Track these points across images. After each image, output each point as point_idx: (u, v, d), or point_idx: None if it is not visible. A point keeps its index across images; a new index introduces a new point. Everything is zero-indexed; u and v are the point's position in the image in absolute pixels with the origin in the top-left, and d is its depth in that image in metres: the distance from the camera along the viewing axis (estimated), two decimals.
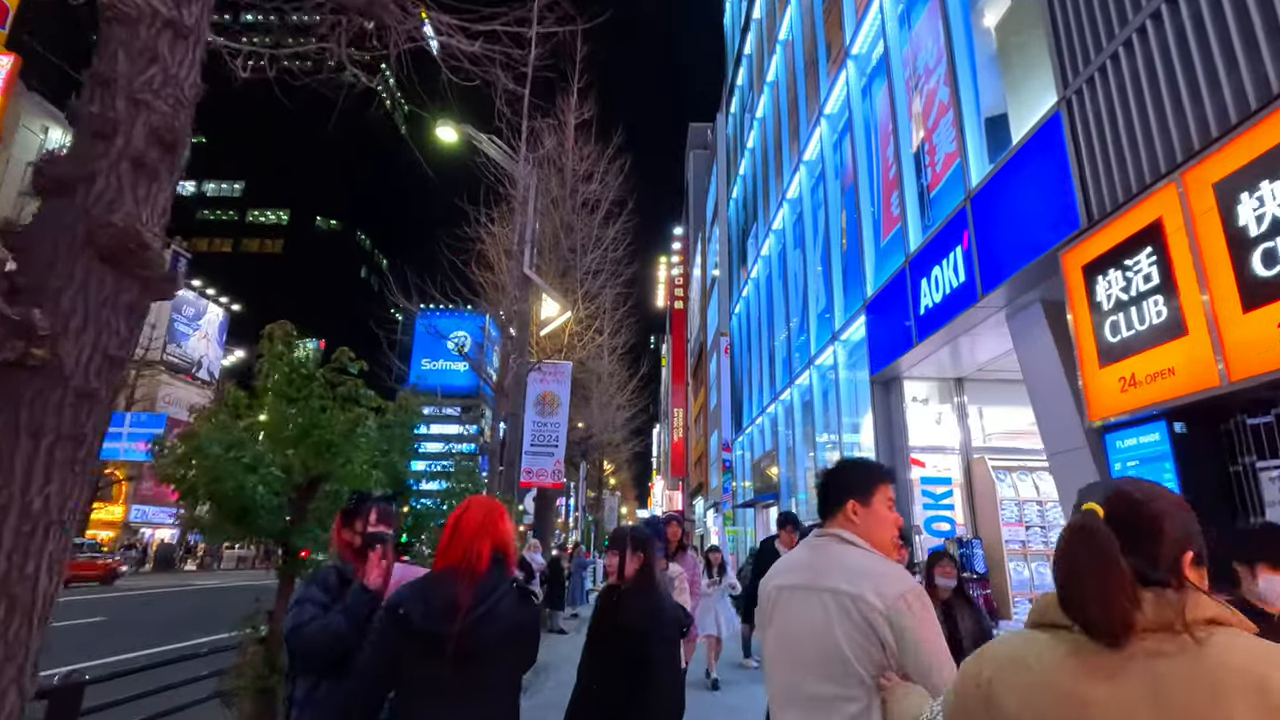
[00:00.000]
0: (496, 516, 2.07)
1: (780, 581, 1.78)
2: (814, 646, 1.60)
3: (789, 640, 1.68)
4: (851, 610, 1.56)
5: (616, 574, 2.66)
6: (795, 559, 1.84)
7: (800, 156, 13.99)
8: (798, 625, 1.66)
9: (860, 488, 1.81)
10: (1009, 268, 6.00)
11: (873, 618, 1.54)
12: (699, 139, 44.64)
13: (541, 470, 12.15)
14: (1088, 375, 4.78)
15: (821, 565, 1.70)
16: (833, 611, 1.59)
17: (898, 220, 8.82)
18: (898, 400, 9.09)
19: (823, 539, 1.78)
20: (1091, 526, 0.94)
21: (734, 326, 23.82)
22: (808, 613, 1.64)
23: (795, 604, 1.69)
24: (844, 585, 1.61)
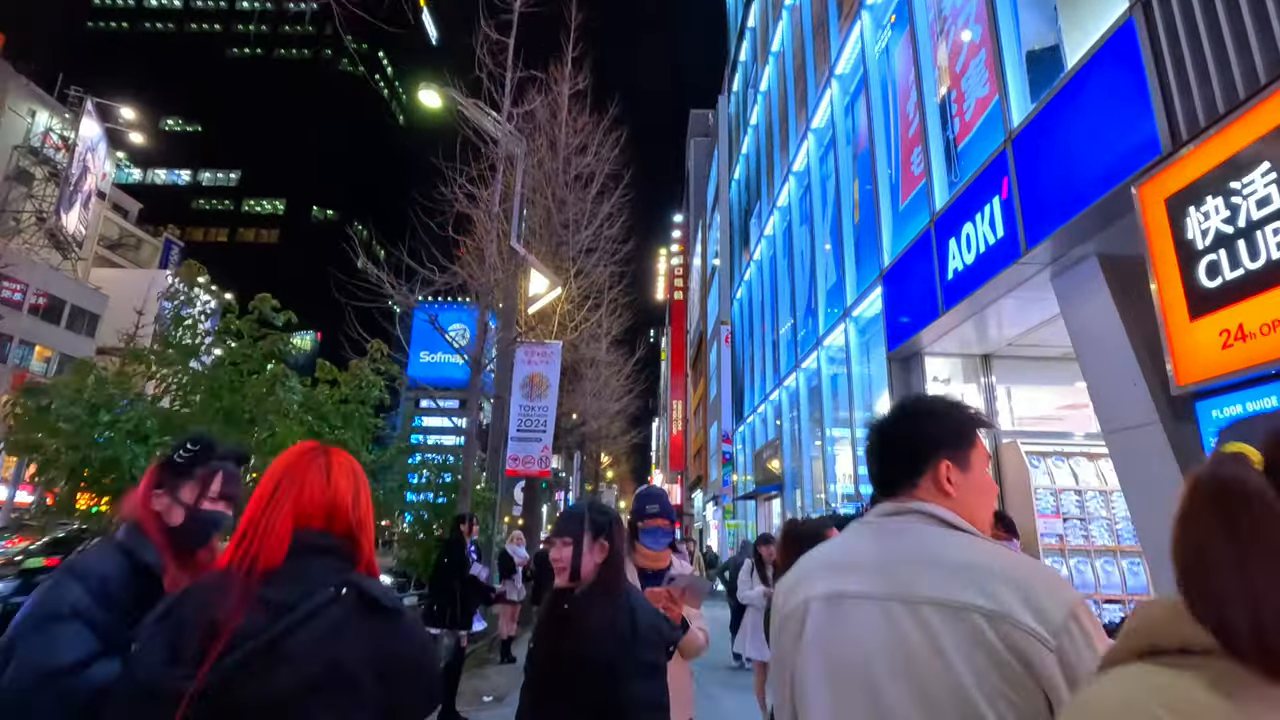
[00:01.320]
0: (310, 467, 1.23)
1: (826, 588, 1.13)
2: (907, 695, 0.98)
3: (854, 685, 1.03)
4: (989, 636, 0.96)
5: (568, 572, 1.80)
6: (849, 551, 1.19)
7: (808, 125, 13.10)
8: (871, 660, 1.02)
9: (955, 438, 1.20)
10: (1060, 215, 5.13)
11: (1030, 650, 0.94)
12: (700, 126, 43.73)
13: (529, 457, 11.28)
14: (1174, 331, 3.91)
15: (904, 561, 1.08)
16: (947, 638, 0.98)
17: (920, 179, 7.94)
18: (919, 378, 8.22)
19: (900, 520, 1.14)
20: (1240, 481, 0.58)
21: (735, 313, 22.95)
22: (889, 639, 1.02)
23: (861, 625, 1.06)
24: (969, 595, 0.98)
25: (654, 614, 1.82)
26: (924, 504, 1.14)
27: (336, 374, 6.22)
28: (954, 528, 1.11)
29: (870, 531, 1.18)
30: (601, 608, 1.72)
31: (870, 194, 9.73)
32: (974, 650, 0.95)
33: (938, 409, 1.24)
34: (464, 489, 7.81)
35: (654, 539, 2.77)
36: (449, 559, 5.90)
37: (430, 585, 5.93)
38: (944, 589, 1.00)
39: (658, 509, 2.80)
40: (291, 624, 1.08)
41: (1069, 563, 6.99)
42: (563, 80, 15.76)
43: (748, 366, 20.57)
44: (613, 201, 14.82)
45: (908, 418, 1.24)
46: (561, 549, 1.81)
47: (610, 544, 1.84)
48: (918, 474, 1.17)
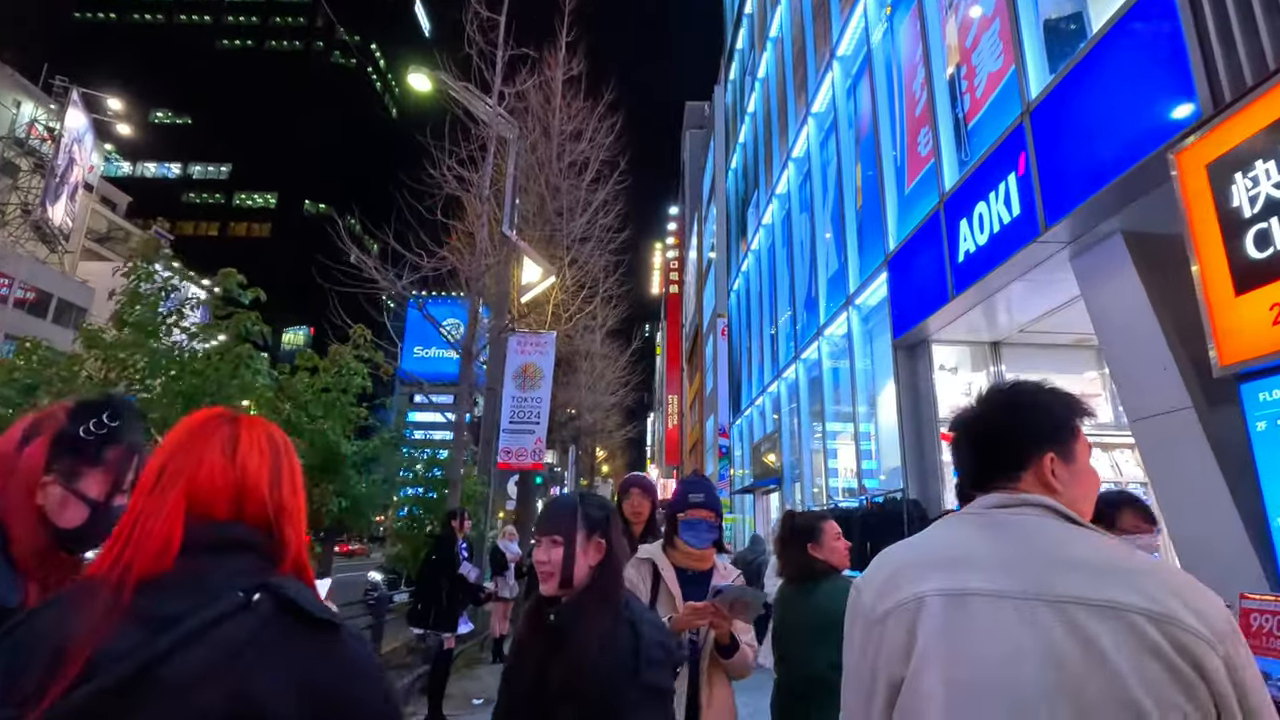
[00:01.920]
0: (209, 441, 0.92)
1: (943, 584, 0.97)
2: (1063, 708, 0.86)
3: (994, 697, 0.89)
4: (1156, 638, 0.85)
5: (557, 578, 1.49)
6: (958, 544, 1.04)
7: (808, 109, 12.77)
8: (1018, 668, 0.89)
9: (1060, 430, 1.10)
10: (1082, 191, 4.83)
11: (1202, 655, 0.85)
12: (695, 118, 43.32)
13: (521, 450, 10.96)
14: (1216, 308, 3.62)
15: (1035, 556, 0.96)
16: (1107, 640, 0.86)
17: (928, 159, 7.63)
18: (925, 367, 7.93)
19: (1014, 512, 1.03)
20: None
21: (732, 305, 22.64)
22: (1036, 644, 0.89)
23: (998, 628, 0.92)
24: (1123, 594, 0.88)
25: (659, 628, 1.50)
26: (1046, 498, 1.03)
27: (317, 361, 5.88)
28: (1076, 523, 1.01)
29: (981, 523, 1.04)
30: (597, 621, 1.40)
31: (873, 179, 9.42)
32: (1141, 655, 0.85)
33: (1042, 399, 1.12)
34: (453, 482, 7.51)
35: (696, 534, 2.40)
36: (438, 556, 5.60)
37: (417, 583, 5.63)
38: (1093, 588, 0.90)
39: (702, 498, 2.42)
40: (177, 642, 0.78)
41: None
42: (556, 65, 15.38)
43: (745, 359, 20.28)
44: (608, 189, 14.48)
45: (1009, 408, 1.12)
46: (549, 549, 1.49)
47: (607, 542, 1.53)
48: (1020, 468, 1.07)
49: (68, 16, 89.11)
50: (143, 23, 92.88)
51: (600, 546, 1.52)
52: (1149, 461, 4.74)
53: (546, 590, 1.48)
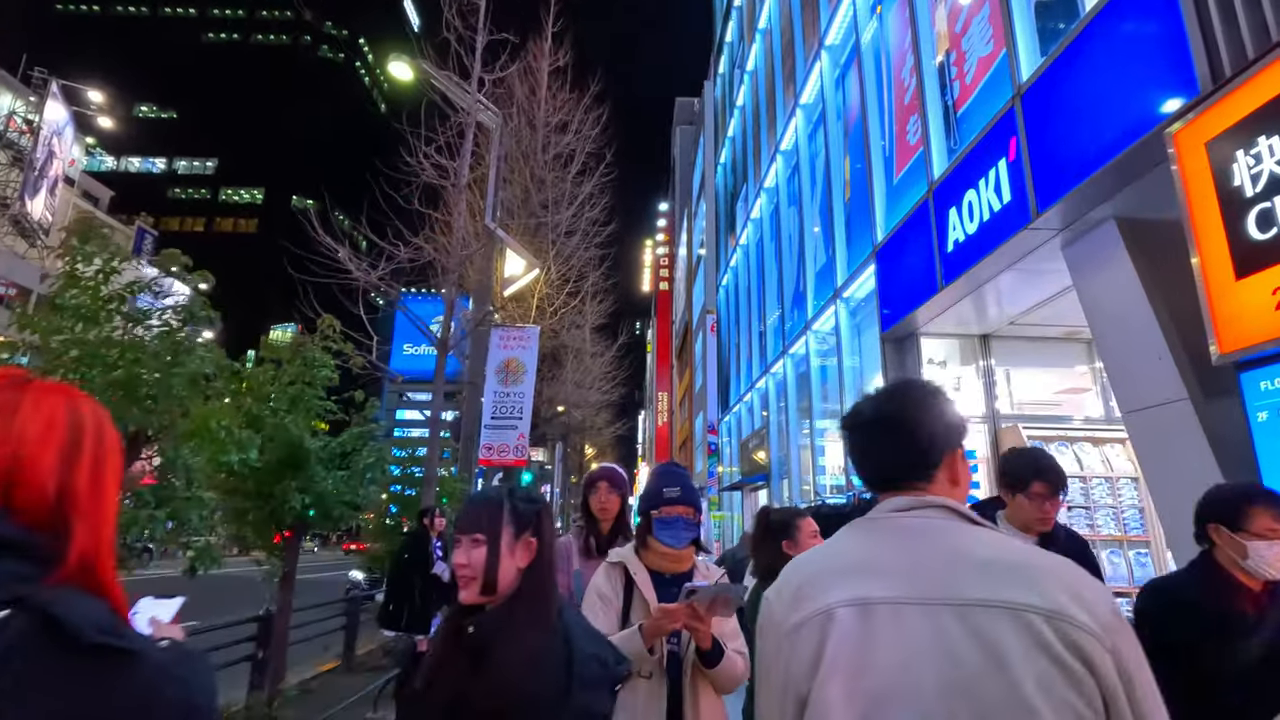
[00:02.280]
0: None
1: (848, 594, 0.96)
2: (964, 711, 0.85)
3: (896, 704, 0.87)
4: (1049, 637, 0.86)
5: (479, 583, 1.28)
6: (865, 551, 1.03)
7: (796, 101, 12.59)
8: (919, 674, 0.87)
9: (963, 428, 1.11)
10: (1075, 175, 4.66)
11: (1090, 649, 0.86)
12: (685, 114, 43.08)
13: (503, 446, 10.73)
14: (1215, 293, 3.45)
15: (939, 561, 0.95)
16: (1004, 642, 0.86)
17: (916, 148, 7.46)
18: (914, 360, 7.77)
19: (919, 515, 1.02)
20: None
21: (721, 300, 22.47)
22: (937, 649, 0.88)
23: (901, 635, 0.90)
24: (1021, 594, 0.89)
25: (595, 639, 1.29)
26: (943, 498, 1.04)
27: (281, 353, 5.64)
28: (978, 523, 1.01)
29: (885, 529, 1.04)
30: (525, 633, 1.20)
31: (861, 172, 9.26)
32: (1036, 654, 0.86)
33: (943, 393, 1.12)
34: (428, 479, 7.28)
35: (673, 533, 2.12)
36: (410, 555, 5.38)
37: (388, 583, 5.41)
38: (991, 588, 0.91)
39: (678, 492, 2.13)
40: None
41: None
42: (542, 56, 15.14)
43: (733, 355, 20.12)
44: (594, 181, 14.24)
45: (925, 404, 1.09)
46: (469, 550, 1.29)
47: (539, 542, 1.32)
48: (934, 465, 1.06)
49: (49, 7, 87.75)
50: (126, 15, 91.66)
51: (530, 547, 1.32)
52: (1142, 455, 4.59)
53: (466, 598, 1.26)
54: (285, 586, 5.31)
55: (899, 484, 1.07)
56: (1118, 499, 6.65)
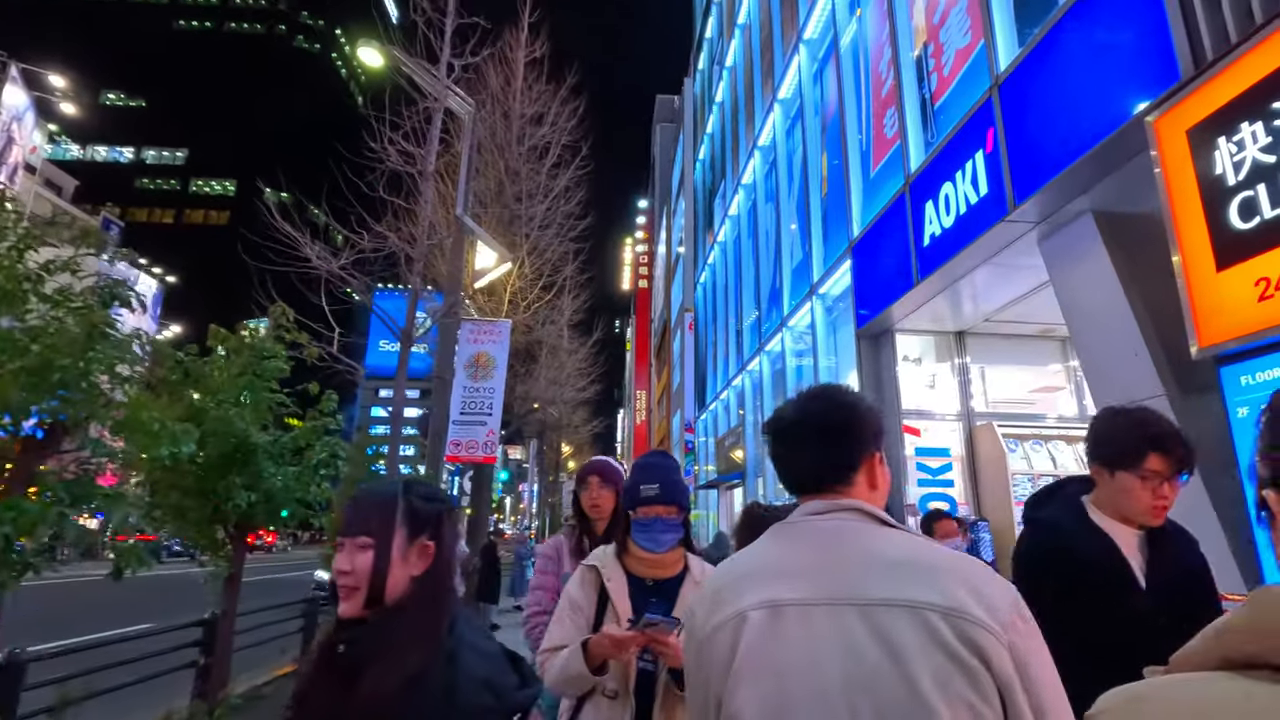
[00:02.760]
0: None
1: (759, 597, 0.97)
2: (864, 708, 0.86)
3: (801, 703, 0.89)
4: (945, 634, 0.87)
5: (363, 594, 1.08)
6: (778, 555, 1.04)
7: (774, 96, 12.47)
8: (821, 673, 0.89)
9: (882, 432, 1.14)
10: (1054, 165, 4.55)
11: (986, 644, 0.87)
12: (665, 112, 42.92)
13: (472, 442, 10.47)
14: (1196, 285, 3.34)
15: (847, 562, 0.97)
16: (903, 638, 0.88)
17: (893, 141, 7.35)
18: (888, 357, 7.67)
19: (833, 518, 1.04)
20: None
21: (699, 298, 22.34)
22: (839, 647, 0.90)
23: (806, 635, 0.92)
24: (921, 592, 0.91)
25: (491, 661, 1.09)
26: (857, 501, 1.06)
27: (231, 341, 5.35)
28: (889, 524, 1.04)
29: (800, 532, 1.06)
30: (405, 653, 1.00)
31: (838, 168, 9.15)
32: (933, 650, 0.87)
33: (863, 399, 1.15)
34: (389, 476, 6.99)
35: (650, 536, 1.84)
36: None
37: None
38: (895, 588, 0.92)
39: (657, 490, 1.84)
40: None
41: None
42: (518, 47, 14.87)
43: (710, 352, 20.00)
44: (570, 174, 14.00)
45: (848, 408, 1.12)
46: (353, 555, 1.08)
47: (438, 546, 1.12)
48: (854, 469, 1.09)
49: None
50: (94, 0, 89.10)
51: (426, 551, 1.11)
52: None
53: (346, 610, 1.06)
54: (230, 588, 5.02)
55: (819, 488, 1.08)
56: None
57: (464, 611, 1.14)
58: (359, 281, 7.40)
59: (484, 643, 1.10)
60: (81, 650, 4.22)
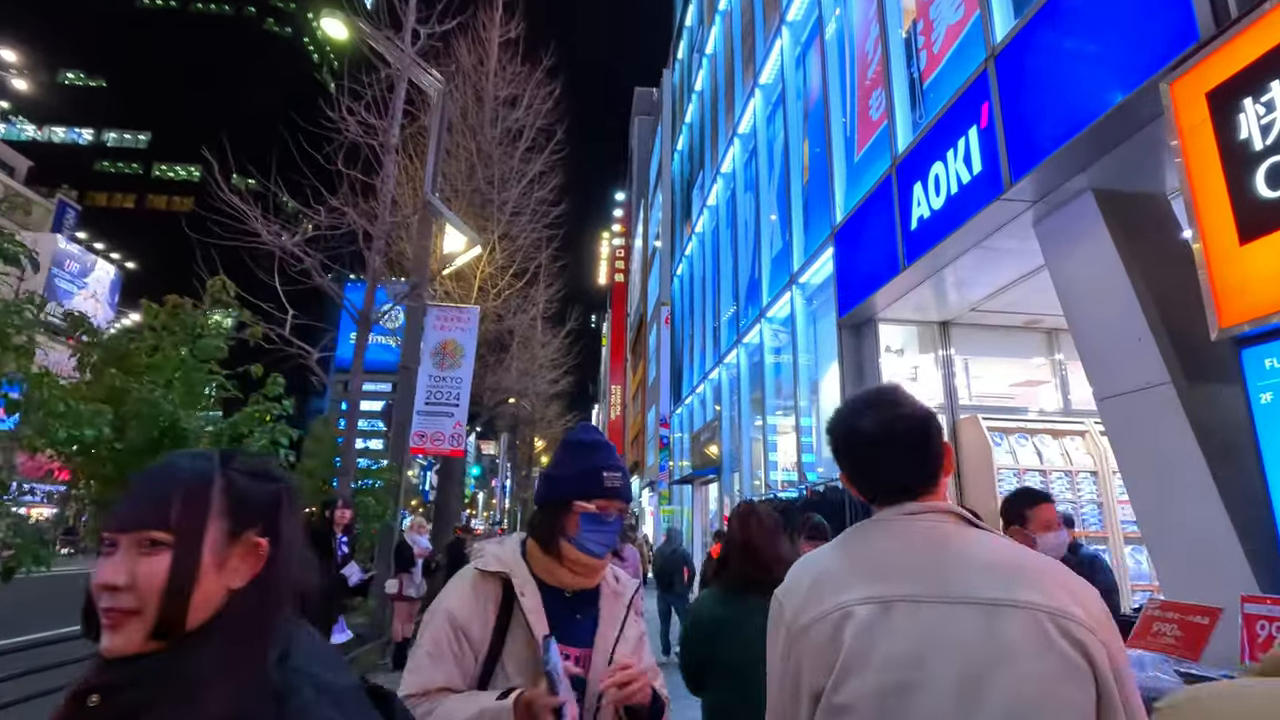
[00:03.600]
0: None
1: (866, 593, 0.99)
2: (980, 702, 0.89)
3: (916, 697, 0.90)
4: (1053, 634, 0.92)
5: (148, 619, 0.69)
6: (879, 553, 1.05)
7: (755, 81, 12.16)
8: (936, 668, 0.91)
9: (942, 432, 1.17)
10: (1054, 139, 4.28)
11: (1090, 644, 0.92)
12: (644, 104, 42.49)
13: (438, 433, 10.05)
14: (1216, 261, 3.07)
15: (952, 562, 1.00)
16: (1015, 638, 0.92)
17: (879, 123, 7.07)
18: (871, 347, 7.40)
19: (927, 519, 1.06)
20: None
21: (675, 290, 22.03)
22: (954, 643, 0.93)
23: (920, 631, 0.94)
24: (1028, 594, 0.95)
25: (338, 703, 0.72)
26: (949, 504, 1.10)
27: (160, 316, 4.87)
28: (979, 527, 1.08)
29: (895, 532, 1.07)
30: (202, 697, 0.63)
31: (821, 156, 8.86)
32: (1043, 648, 0.91)
33: (920, 402, 1.18)
34: (345, 468, 6.55)
35: (603, 535, 1.44)
36: None
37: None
38: (1001, 588, 0.96)
39: (620, 479, 1.48)
40: None
41: None
42: (492, 26, 14.38)
43: (687, 345, 19.69)
44: (544, 158, 13.57)
45: (923, 415, 1.15)
46: (135, 560, 0.70)
47: (274, 545, 0.76)
48: (940, 472, 1.12)
49: None
50: None
51: (255, 552, 0.75)
52: (1117, 445, 4.25)
53: (118, 645, 0.68)
54: None
55: (910, 494, 1.10)
56: (1077, 494, 6.40)
57: (306, 633, 0.77)
58: (313, 259, 6.89)
59: (333, 676, 0.72)
60: None
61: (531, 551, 1.47)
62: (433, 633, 1.34)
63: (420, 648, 1.33)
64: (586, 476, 1.46)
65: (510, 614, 1.37)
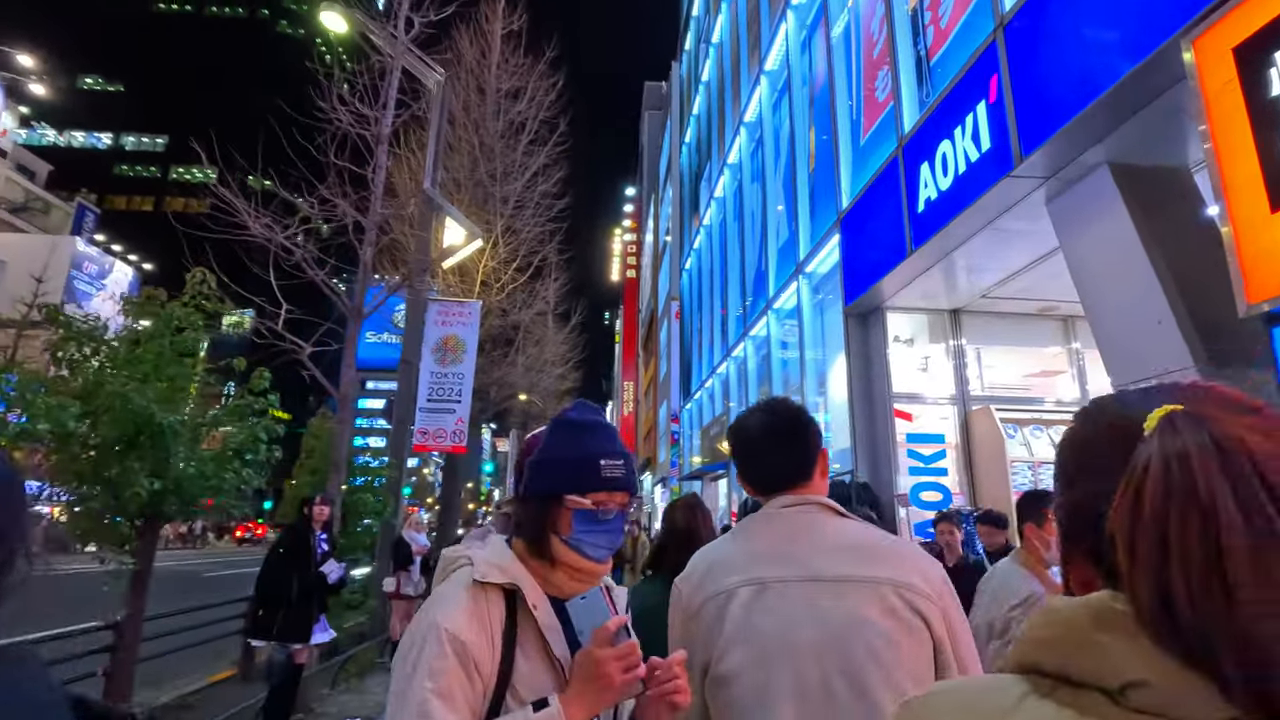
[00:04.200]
0: None
1: (745, 577, 1.20)
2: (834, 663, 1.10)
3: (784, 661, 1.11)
4: (896, 602, 1.13)
5: None
6: (759, 542, 1.26)
7: (761, 68, 11.90)
8: (800, 637, 1.12)
9: (821, 436, 1.39)
10: (1067, 109, 4.02)
11: (927, 610, 1.14)
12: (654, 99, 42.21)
13: (440, 430, 9.90)
14: (1244, 231, 2.82)
15: (818, 547, 1.21)
16: (866, 608, 1.12)
17: (885, 103, 6.82)
18: (878, 337, 7.15)
19: (801, 510, 1.27)
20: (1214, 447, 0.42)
21: (685, 284, 21.79)
22: (815, 615, 1.13)
23: (788, 607, 1.15)
24: (877, 570, 1.16)
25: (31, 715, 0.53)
26: (819, 496, 1.29)
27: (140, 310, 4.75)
28: (845, 516, 1.27)
29: (773, 522, 1.27)
30: None
31: (826, 142, 8.61)
32: (885, 614, 1.11)
33: (806, 410, 1.40)
34: (335, 464, 6.42)
35: (610, 538, 1.20)
36: (286, 550, 4.55)
37: (258, 583, 4.57)
38: (857, 567, 1.16)
39: (622, 469, 1.21)
40: None
41: None
42: (495, 18, 14.22)
43: (696, 339, 19.47)
44: (547, 150, 13.39)
45: (799, 417, 1.35)
46: None
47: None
48: (813, 467, 1.31)
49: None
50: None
51: None
52: None
53: None
54: (137, 588, 4.43)
55: (788, 486, 1.30)
56: None
57: None
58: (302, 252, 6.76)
59: (32, 688, 0.54)
60: None
61: (519, 554, 1.21)
62: (433, 661, 1.03)
63: (418, 678, 1.02)
64: (581, 464, 1.20)
65: (515, 634, 1.11)
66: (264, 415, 5.06)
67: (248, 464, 4.74)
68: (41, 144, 74.16)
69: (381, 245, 7.93)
